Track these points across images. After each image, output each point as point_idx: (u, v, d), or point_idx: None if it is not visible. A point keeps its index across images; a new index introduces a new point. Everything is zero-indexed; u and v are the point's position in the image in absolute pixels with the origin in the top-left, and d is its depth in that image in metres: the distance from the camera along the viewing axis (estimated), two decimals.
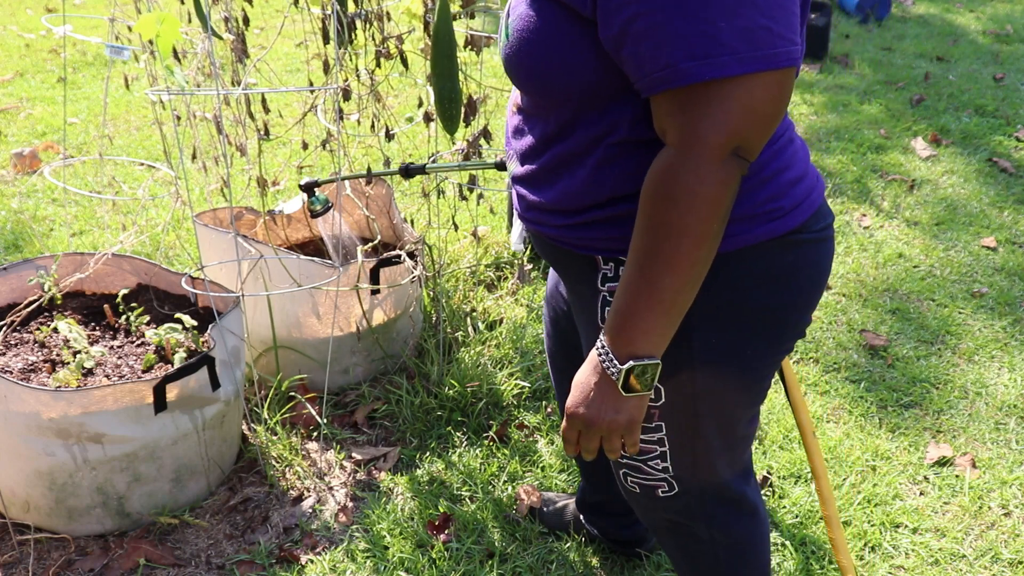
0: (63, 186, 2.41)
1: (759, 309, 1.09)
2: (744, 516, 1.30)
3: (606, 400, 1.02)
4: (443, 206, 2.95)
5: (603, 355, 1.01)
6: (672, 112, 0.91)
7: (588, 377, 1.04)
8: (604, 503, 1.72)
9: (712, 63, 0.86)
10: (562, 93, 1.02)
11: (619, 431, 1.04)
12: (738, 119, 0.89)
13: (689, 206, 0.91)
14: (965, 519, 1.90)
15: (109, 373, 1.86)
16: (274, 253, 2.04)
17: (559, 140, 1.07)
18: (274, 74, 4.73)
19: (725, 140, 0.89)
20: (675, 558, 1.39)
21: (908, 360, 2.43)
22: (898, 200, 3.39)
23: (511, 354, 2.35)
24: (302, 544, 1.82)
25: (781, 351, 1.15)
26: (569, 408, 1.06)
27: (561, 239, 1.13)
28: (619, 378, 1.00)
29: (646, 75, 0.91)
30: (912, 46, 5.41)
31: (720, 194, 0.92)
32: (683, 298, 0.97)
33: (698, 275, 0.96)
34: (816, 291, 1.12)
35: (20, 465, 1.70)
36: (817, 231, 1.09)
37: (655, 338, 0.98)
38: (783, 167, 1.06)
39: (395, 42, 1.93)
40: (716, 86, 0.88)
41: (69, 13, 6.05)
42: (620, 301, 0.99)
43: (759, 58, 0.87)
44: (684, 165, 0.91)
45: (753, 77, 0.88)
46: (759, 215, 1.04)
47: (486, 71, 4.82)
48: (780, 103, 0.91)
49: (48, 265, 2.02)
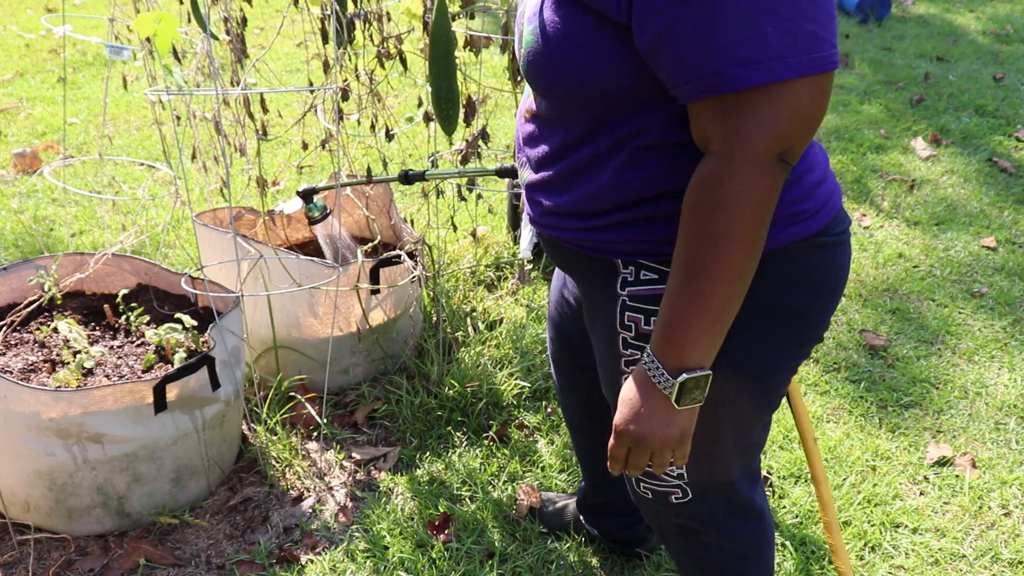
0: (63, 186, 2.41)
1: (783, 312, 1.08)
2: (751, 522, 1.30)
3: (657, 415, 1.01)
4: (442, 206, 2.95)
5: (652, 369, 1.00)
6: (716, 118, 0.90)
7: (637, 392, 1.02)
8: (606, 504, 1.72)
9: (760, 68, 0.86)
10: (589, 98, 1.00)
11: (671, 445, 1.02)
12: (785, 123, 0.88)
13: (737, 213, 0.90)
14: (965, 519, 1.90)
15: (109, 373, 1.86)
16: (274, 253, 2.04)
17: (581, 145, 1.05)
18: (274, 74, 4.73)
19: (772, 144, 0.89)
20: (680, 561, 1.39)
21: (908, 360, 2.43)
22: (898, 200, 3.38)
23: (511, 354, 2.35)
24: (302, 544, 1.82)
25: (801, 355, 1.14)
26: (619, 425, 1.04)
27: (579, 242, 1.11)
28: (672, 392, 0.98)
29: (688, 81, 0.89)
30: (912, 46, 5.41)
31: (767, 199, 0.91)
32: (732, 306, 0.96)
33: (746, 282, 0.95)
34: (836, 294, 1.12)
35: (20, 465, 1.70)
36: (837, 234, 1.09)
37: (706, 348, 0.97)
38: (806, 169, 1.05)
39: (394, 42, 1.93)
40: (763, 91, 0.87)
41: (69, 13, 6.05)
42: (668, 313, 0.97)
43: (805, 62, 0.86)
44: (731, 171, 0.90)
45: (799, 81, 0.87)
46: (785, 217, 1.03)
47: (485, 71, 4.82)
48: (823, 106, 0.91)
49: (48, 265, 2.02)
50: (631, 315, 1.10)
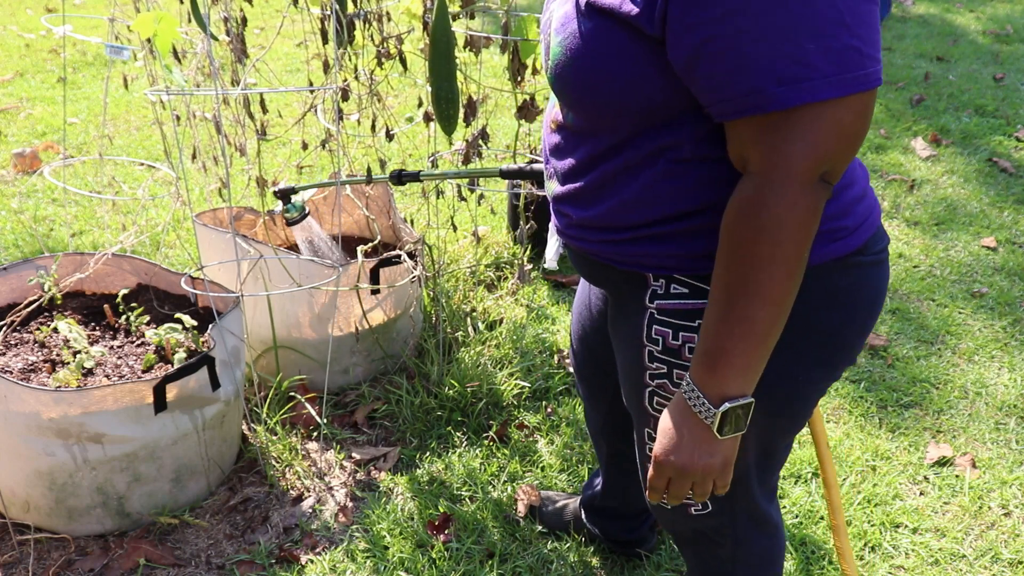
0: (63, 186, 2.41)
1: (815, 333, 1.05)
2: (766, 536, 1.29)
3: (699, 445, 0.98)
4: (443, 206, 2.95)
5: (693, 398, 0.97)
6: (756, 138, 0.87)
7: (677, 422, 0.99)
8: (614, 508, 1.71)
9: (802, 87, 0.83)
10: (618, 112, 0.97)
11: (713, 475, 1.00)
12: (828, 143, 0.85)
13: (780, 235, 0.88)
14: (965, 519, 1.90)
15: (109, 373, 1.86)
16: (274, 253, 2.04)
17: (609, 158, 1.02)
18: (274, 74, 4.73)
19: (815, 165, 0.86)
20: (690, 564, 1.39)
21: (908, 360, 2.43)
22: (898, 200, 3.38)
23: (511, 354, 2.35)
24: (302, 544, 1.82)
25: (832, 376, 1.11)
26: (659, 456, 1.01)
27: (607, 255, 1.09)
28: (714, 422, 0.96)
29: (726, 99, 0.87)
30: (912, 46, 5.41)
31: (809, 220, 0.88)
32: (776, 331, 0.93)
33: (788, 305, 0.92)
34: (872, 316, 1.09)
35: (20, 465, 1.70)
36: (876, 253, 1.05)
37: (750, 376, 0.95)
38: (846, 184, 1.02)
39: (395, 42, 1.93)
40: (806, 110, 0.84)
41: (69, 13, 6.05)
42: (710, 340, 0.94)
43: (849, 80, 0.83)
44: (772, 193, 0.87)
45: (842, 100, 0.84)
46: (823, 234, 0.99)
47: (485, 71, 4.82)
48: (866, 124, 0.88)
49: (48, 265, 2.02)
50: (659, 328, 1.08)
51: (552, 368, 2.34)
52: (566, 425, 2.15)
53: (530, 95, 1.96)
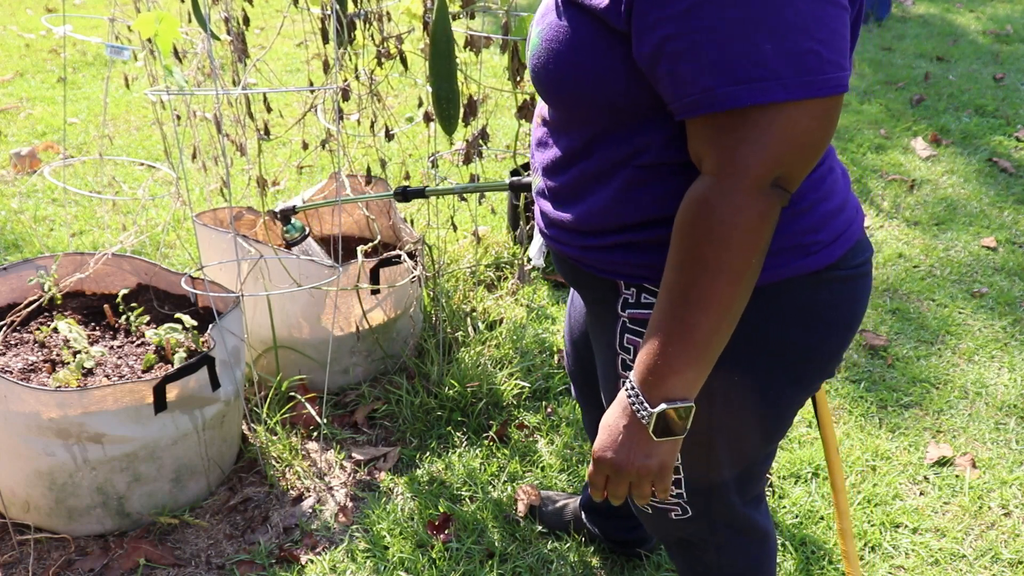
0: (63, 186, 2.41)
1: (787, 348, 1.03)
2: (754, 542, 1.29)
3: (636, 445, 0.96)
4: (443, 206, 2.95)
5: (633, 398, 0.95)
6: (709, 138, 0.86)
7: (617, 420, 0.98)
8: (611, 507, 1.71)
9: (755, 87, 0.81)
10: (590, 107, 0.97)
11: (649, 477, 0.98)
12: (780, 148, 0.84)
13: (726, 240, 0.86)
14: (965, 519, 1.90)
15: (109, 373, 1.86)
16: (274, 253, 2.04)
17: (584, 156, 1.02)
18: (274, 74, 4.73)
19: (766, 170, 0.84)
20: (681, 570, 1.39)
21: (908, 360, 2.43)
22: (898, 200, 3.38)
23: (511, 354, 2.35)
24: (302, 544, 1.82)
25: (806, 391, 1.10)
26: (596, 452, 1.00)
27: (582, 260, 1.08)
28: (650, 423, 0.94)
29: (682, 97, 0.86)
30: (912, 46, 5.41)
31: (759, 227, 0.86)
32: (718, 338, 0.91)
33: (735, 314, 0.90)
34: (849, 332, 1.06)
35: (20, 465, 1.70)
36: (854, 267, 1.03)
37: (689, 380, 0.92)
38: (821, 198, 0.99)
39: (395, 42, 1.93)
40: (758, 112, 0.82)
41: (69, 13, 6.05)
42: (651, 342, 0.93)
43: (805, 84, 0.82)
44: (721, 195, 0.85)
45: (798, 104, 0.82)
46: (794, 248, 0.98)
47: (486, 71, 4.82)
48: (826, 132, 0.86)
49: (48, 265, 2.02)
50: (630, 337, 1.08)
51: (552, 368, 2.34)
52: (566, 425, 2.15)
53: (530, 95, 1.96)
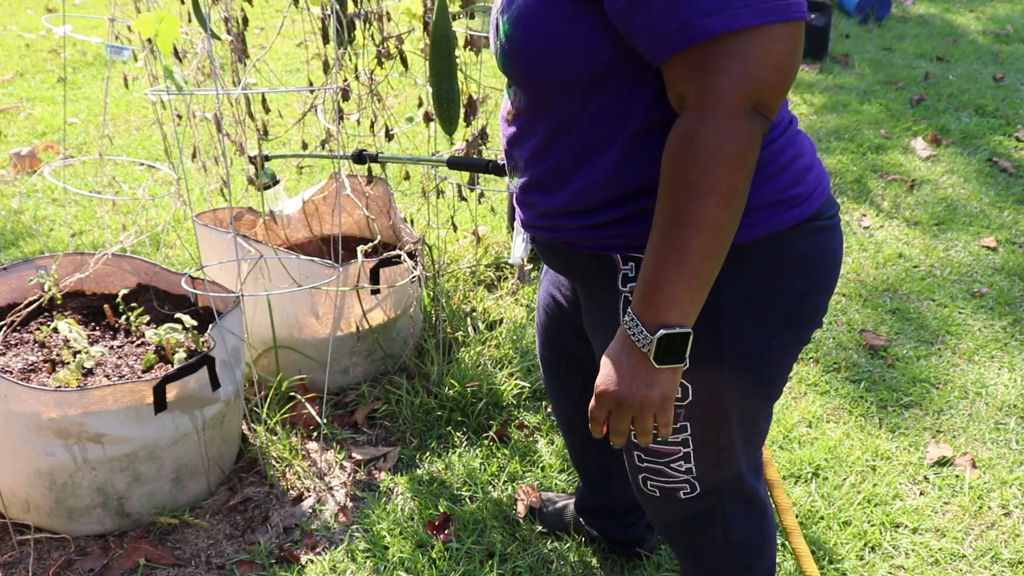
0: (63, 186, 2.41)
1: (784, 298, 1.08)
2: (756, 515, 1.30)
3: (638, 374, 0.99)
4: (443, 206, 2.95)
5: (632, 328, 0.99)
6: (688, 74, 0.91)
7: (618, 352, 1.01)
8: (604, 505, 1.72)
9: (726, 16, 0.87)
10: (567, 78, 1.00)
11: (652, 407, 1.01)
12: (756, 72, 0.89)
13: (713, 165, 0.91)
14: (965, 519, 1.90)
15: (109, 373, 1.86)
16: (274, 253, 2.04)
17: (566, 132, 1.05)
18: (274, 74, 4.73)
19: (745, 94, 0.89)
20: (683, 556, 1.39)
21: (908, 360, 2.43)
22: (898, 200, 3.38)
23: (511, 354, 2.35)
24: (302, 544, 1.82)
25: (803, 341, 1.15)
26: (599, 386, 1.02)
27: (578, 242, 1.11)
28: (651, 349, 0.97)
29: (660, 39, 0.90)
30: (912, 46, 5.41)
31: (744, 150, 0.91)
32: (711, 263, 0.95)
33: (726, 238, 0.94)
34: (833, 278, 1.13)
35: (20, 465, 1.70)
36: (829, 218, 1.10)
37: (685, 305, 0.96)
38: (796, 154, 1.06)
39: (395, 42, 1.93)
40: (732, 40, 0.88)
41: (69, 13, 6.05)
42: (647, 269, 0.97)
43: (770, 9, 0.88)
44: (704, 124, 0.90)
45: (767, 29, 0.88)
46: (780, 202, 1.04)
47: (486, 71, 4.82)
48: (794, 56, 0.91)
49: (48, 265, 2.02)
50: None
51: None
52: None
53: None
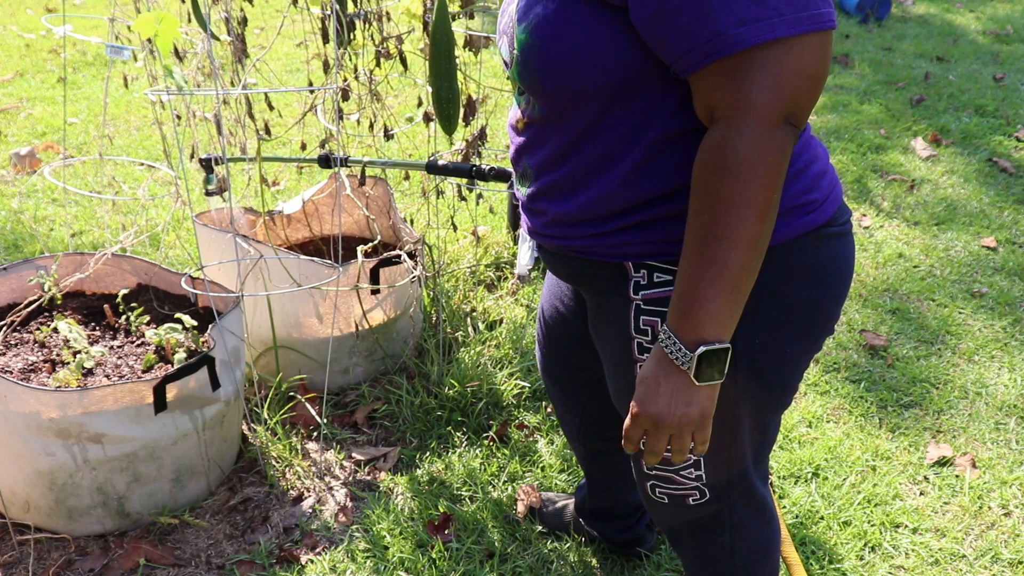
0: (63, 186, 2.41)
1: (799, 304, 1.07)
2: (762, 521, 1.29)
3: (677, 393, 0.98)
4: (442, 206, 2.95)
5: (670, 346, 0.97)
6: (721, 84, 0.89)
7: (655, 372, 0.99)
8: (605, 508, 1.71)
9: (761, 26, 0.85)
10: (588, 90, 0.98)
11: (691, 426, 0.99)
12: (790, 83, 0.88)
13: (750, 176, 0.89)
14: (965, 519, 1.90)
15: (109, 373, 1.86)
16: (274, 253, 2.04)
17: (584, 143, 1.04)
18: (274, 74, 4.73)
19: (779, 105, 0.88)
20: (689, 560, 1.38)
21: (908, 360, 2.43)
22: (898, 200, 3.38)
23: (511, 354, 2.35)
24: (302, 544, 1.82)
25: (816, 348, 1.14)
26: (635, 407, 1.01)
27: (588, 250, 1.09)
28: (691, 367, 0.95)
29: (691, 49, 0.89)
30: (912, 46, 5.41)
31: (778, 161, 0.90)
32: (748, 275, 0.94)
33: (762, 249, 0.93)
34: (846, 285, 1.12)
35: (20, 465, 1.70)
36: (842, 224, 1.09)
37: (724, 320, 0.95)
38: (811, 160, 1.06)
39: (395, 42, 1.93)
40: (766, 50, 0.87)
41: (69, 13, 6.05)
42: (684, 285, 0.95)
43: (804, 19, 0.86)
44: (740, 134, 0.89)
45: (801, 39, 0.87)
46: (796, 208, 1.03)
47: (485, 71, 4.82)
48: (825, 66, 0.90)
49: (48, 265, 2.02)
50: (646, 319, 1.09)
51: None
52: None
53: None
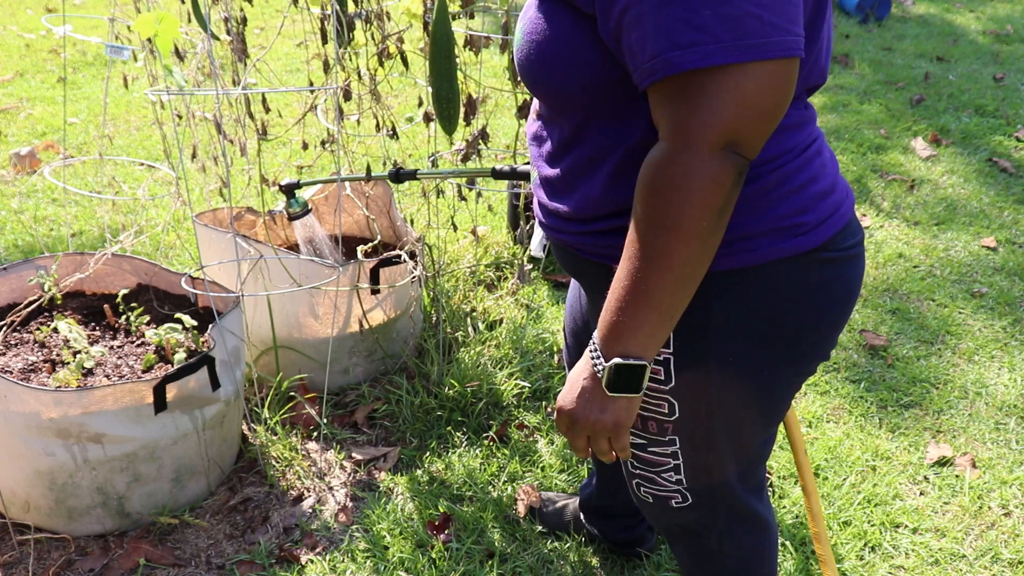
0: (63, 186, 2.41)
1: (779, 328, 1.04)
2: (754, 530, 1.29)
3: (592, 399, 0.99)
4: (442, 206, 2.95)
5: (593, 353, 0.98)
6: (660, 104, 0.88)
7: (579, 374, 1.01)
8: (609, 507, 1.72)
9: (696, 51, 0.82)
10: (572, 96, 0.99)
11: (605, 432, 1.00)
12: (728, 112, 0.84)
13: (676, 201, 0.87)
14: (965, 519, 1.90)
15: (109, 373, 1.86)
16: (274, 253, 2.04)
17: (576, 144, 1.04)
18: (274, 74, 4.73)
19: (715, 134, 0.85)
20: (683, 561, 1.39)
21: (908, 360, 2.43)
22: (898, 200, 3.38)
23: (511, 354, 2.35)
24: (302, 544, 1.82)
25: (801, 373, 1.11)
26: (558, 402, 1.04)
27: (580, 247, 1.10)
28: (603, 376, 0.96)
29: (637, 67, 0.88)
30: (912, 46, 5.41)
31: (710, 190, 0.86)
32: (673, 299, 0.92)
33: (689, 275, 0.91)
34: (842, 312, 1.08)
35: (20, 465, 1.70)
36: (844, 249, 1.04)
37: (644, 338, 0.94)
38: (809, 179, 1.01)
39: (395, 42, 1.93)
40: (704, 76, 0.83)
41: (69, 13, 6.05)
42: (610, 297, 0.95)
43: (745, 47, 0.82)
44: (672, 159, 0.87)
45: (742, 67, 0.83)
46: (783, 229, 0.99)
47: (486, 71, 4.82)
48: (777, 96, 0.86)
49: (48, 265, 2.02)
50: None
51: (552, 368, 2.34)
52: None
53: (529, 95, 1.96)
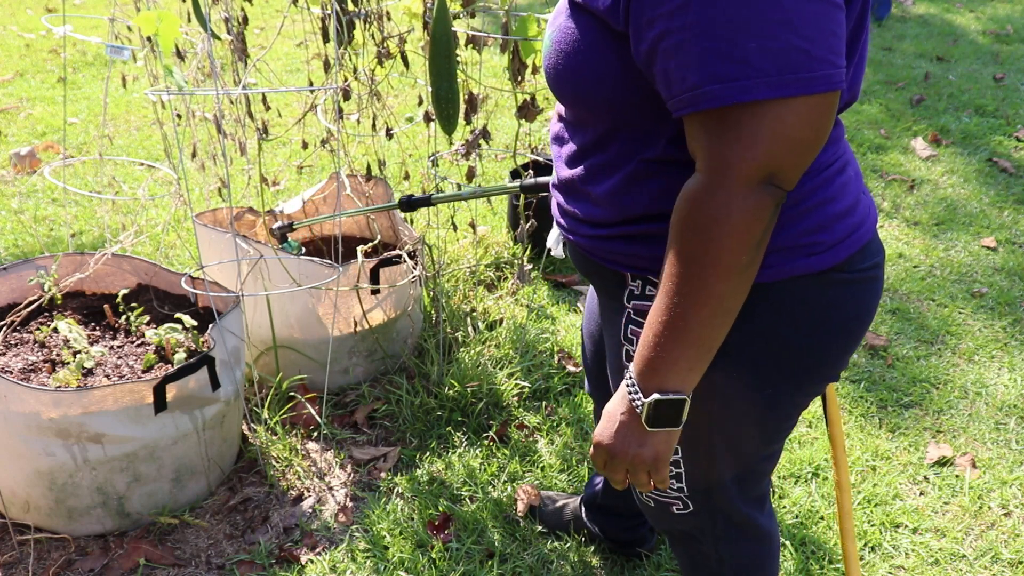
0: (63, 186, 2.41)
1: (788, 348, 1.03)
2: (753, 541, 1.29)
3: (631, 433, 0.98)
4: (443, 206, 2.95)
5: (631, 387, 0.97)
6: (699, 136, 0.87)
7: (616, 408, 1.00)
8: (614, 506, 1.72)
9: (739, 86, 0.81)
10: (597, 107, 0.99)
11: (644, 466, 1.00)
12: (768, 146, 0.83)
13: (715, 236, 0.86)
14: (965, 519, 1.90)
15: (109, 373, 1.86)
16: (274, 253, 2.04)
17: (596, 151, 1.04)
18: (274, 74, 4.73)
19: (754, 168, 0.84)
20: (682, 563, 1.40)
21: (908, 360, 2.43)
22: (898, 200, 3.38)
23: (511, 354, 2.35)
24: (302, 544, 1.82)
25: (806, 393, 1.10)
26: (595, 437, 1.03)
27: (592, 250, 1.10)
28: (643, 412, 0.96)
29: (674, 96, 0.87)
30: (912, 46, 5.41)
31: (749, 224, 0.86)
32: (712, 332, 0.91)
33: (728, 308, 0.91)
34: (853, 336, 1.06)
35: (20, 465, 1.70)
36: (861, 270, 1.02)
37: (683, 372, 0.93)
38: (829, 198, 0.99)
39: (395, 41, 1.93)
40: (745, 110, 0.83)
41: (69, 13, 6.05)
42: (647, 332, 0.94)
43: (790, 82, 0.81)
44: (710, 192, 0.86)
45: (785, 102, 0.82)
46: (796, 248, 0.98)
47: (486, 71, 4.82)
48: (818, 129, 0.85)
49: (48, 265, 2.02)
50: (634, 328, 1.09)
51: (552, 368, 2.34)
52: (566, 425, 2.15)
53: (530, 95, 1.96)
